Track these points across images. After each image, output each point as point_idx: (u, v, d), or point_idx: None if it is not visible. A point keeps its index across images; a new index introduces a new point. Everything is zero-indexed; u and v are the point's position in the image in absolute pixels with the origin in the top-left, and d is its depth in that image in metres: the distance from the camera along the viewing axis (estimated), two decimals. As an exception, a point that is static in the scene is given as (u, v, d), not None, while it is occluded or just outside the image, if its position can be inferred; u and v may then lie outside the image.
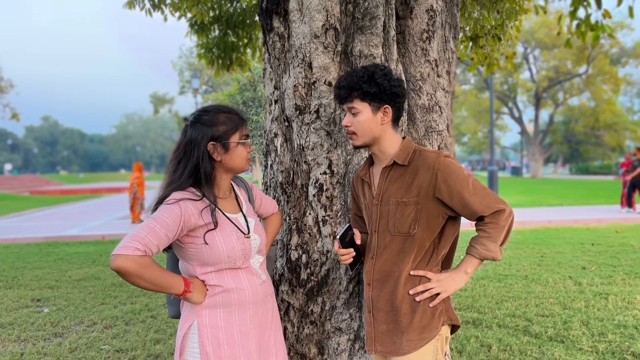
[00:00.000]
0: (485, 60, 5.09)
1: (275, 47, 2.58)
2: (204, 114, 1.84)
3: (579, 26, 4.21)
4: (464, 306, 5.07)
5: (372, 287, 1.96)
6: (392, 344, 1.90)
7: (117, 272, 1.57)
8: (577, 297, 5.29)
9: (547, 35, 36.00)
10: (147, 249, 1.60)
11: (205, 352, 1.77)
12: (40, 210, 19.07)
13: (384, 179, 1.96)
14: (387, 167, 1.96)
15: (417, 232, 1.88)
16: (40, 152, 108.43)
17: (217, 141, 1.81)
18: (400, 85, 1.93)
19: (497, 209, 1.82)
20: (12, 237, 10.91)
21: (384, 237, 1.94)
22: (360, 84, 1.88)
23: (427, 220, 1.88)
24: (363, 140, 1.95)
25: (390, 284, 1.91)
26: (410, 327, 1.87)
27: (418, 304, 1.88)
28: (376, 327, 1.94)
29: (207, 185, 1.81)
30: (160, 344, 4.21)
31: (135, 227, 1.64)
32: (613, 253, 7.72)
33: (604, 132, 39.01)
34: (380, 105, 1.91)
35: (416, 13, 2.51)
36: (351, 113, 1.94)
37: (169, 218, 1.67)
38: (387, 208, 1.93)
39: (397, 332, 1.89)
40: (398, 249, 1.91)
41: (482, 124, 41.98)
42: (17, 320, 4.88)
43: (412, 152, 1.94)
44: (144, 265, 1.59)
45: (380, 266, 1.94)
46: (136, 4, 4.71)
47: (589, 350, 3.83)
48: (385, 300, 1.93)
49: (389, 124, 1.95)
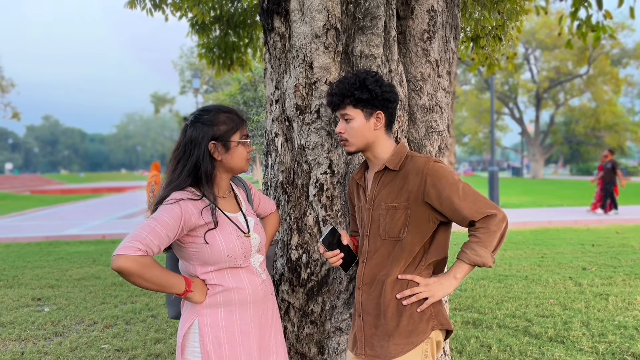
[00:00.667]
0: (486, 61, 5.09)
1: (276, 47, 2.58)
2: (205, 113, 1.85)
3: (579, 27, 4.20)
4: (464, 306, 5.07)
5: (362, 291, 1.97)
6: (380, 347, 1.89)
7: (119, 272, 1.57)
8: (578, 297, 5.29)
9: (548, 36, 35.97)
10: (148, 248, 1.60)
11: (206, 351, 1.77)
12: (41, 209, 19.08)
13: (376, 183, 1.97)
14: (380, 172, 1.96)
15: (406, 237, 1.87)
16: (41, 151, 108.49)
17: (218, 141, 1.82)
18: (391, 90, 1.93)
19: (488, 214, 1.80)
20: (13, 236, 10.92)
21: (375, 241, 1.94)
22: (352, 90, 1.88)
23: (417, 225, 1.87)
24: (356, 146, 1.95)
25: (378, 287, 1.91)
26: (396, 330, 1.86)
27: (405, 307, 1.87)
28: (365, 331, 1.94)
29: (207, 185, 1.81)
30: (160, 343, 4.21)
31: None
32: (613, 254, 7.72)
33: (604, 132, 38.96)
34: (373, 111, 1.91)
35: (417, 13, 2.51)
36: (344, 120, 1.94)
37: (169, 218, 1.68)
38: (378, 212, 1.93)
39: (384, 336, 1.88)
40: (387, 253, 1.91)
41: (482, 124, 41.97)
42: (17, 319, 4.89)
43: (405, 157, 1.94)
44: (145, 265, 1.60)
45: (369, 270, 1.94)
46: (137, 3, 4.71)
47: (589, 351, 3.83)
48: (373, 304, 1.93)
49: (382, 129, 1.95)
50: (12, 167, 73.35)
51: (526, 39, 37.47)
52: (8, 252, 9.05)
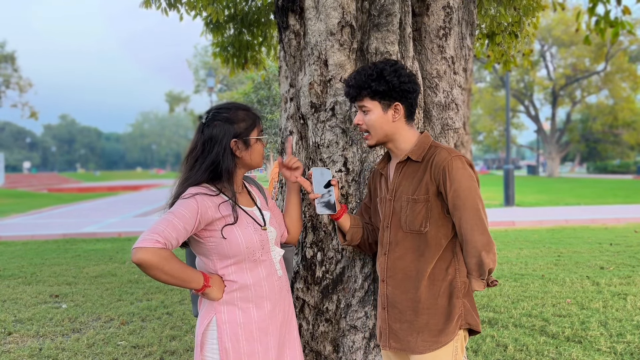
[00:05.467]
0: (501, 58, 5.04)
1: (291, 44, 2.58)
2: (223, 111, 1.85)
3: (597, 23, 4.14)
4: (480, 305, 5.04)
5: (387, 284, 1.94)
6: (407, 342, 1.88)
7: (139, 264, 1.58)
8: (595, 297, 5.22)
9: (564, 33, 35.53)
10: (167, 241, 1.61)
11: (224, 348, 1.78)
12: (58, 207, 19.32)
13: (398, 174, 1.93)
14: (402, 162, 1.92)
15: (429, 231, 1.84)
16: (58, 150, 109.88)
17: (239, 138, 1.83)
18: (410, 81, 1.88)
19: (483, 260, 1.78)
20: (31, 234, 11.09)
21: (396, 233, 1.91)
22: (369, 82, 1.85)
23: (440, 218, 1.84)
24: (377, 138, 1.92)
25: (410, 284, 1.88)
26: (426, 328, 1.85)
27: (437, 306, 1.85)
28: (390, 324, 1.92)
29: (228, 182, 1.82)
30: (176, 340, 4.25)
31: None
32: (632, 253, 7.61)
33: (622, 130, 38.40)
34: (391, 103, 1.87)
35: (432, 10, 2.50)
36: (362, 111, 1.92)
37: (186, 211, 1.69)
38: (400, 204, 1.90)
39: (412, 332, 1.86)
40: (413, 246, 1.87)
41: (497, 122, 41.57)
42: (35, 316, 4.95)
43: (428, 147, 1.90)
44: (165, 257, 1.61)
45: (393, 263, 1.91)
46: (152, 3, 4.74)
47: (607, 351, 3.78)
48: (402, 299, 1.90)
49: (402, 120, 1.91)
50: (30, 165, 74.45)
51: (542, 36, 37.03)
52: (26, 250, 9.19)
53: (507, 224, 11.35)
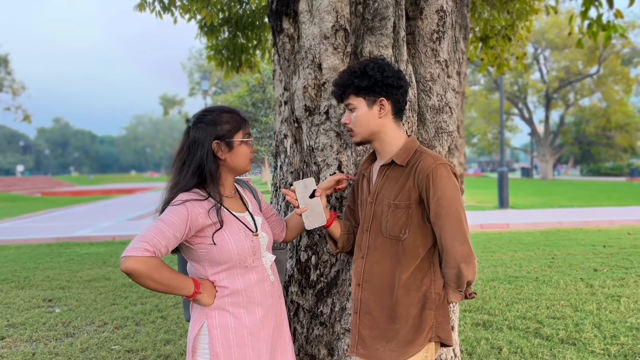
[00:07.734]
0: (495, 61, 5.07)
1: (285, 48, 2.59)
2: (207, 113, 1.86)
3: (590, 26, 4.17)
4: (474, 308, 5.05)
5: (362, 288, 1.90)
6: (374, 350, 1.84)
7: (128, 274, 1.57)
8: (589, 299, 5.24)
9: (557, 36, 35.71)
10: (156, 249, 1.60)
11: (215, 354, 1.77)
12: (52, 211, 19.22)
13: (381, 177, 1.90)
14: (386, 165, 1.90)
15: (407, 238, 1.81)
16: (51, 153, 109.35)
17: (221, 140, 1.83)
18: (395, 76, 1.85)
19: (462, 274, 1.75)
20: (24, 238, 11.02)
21: (376, 237, 1.88)
22: (352, 79, 1.85)
23: (419, 226, 1.81)
24: (362, 136, 1.90)
25: (386, 290, 1.85)
26: (396, 337, 1.81)
27: (410, 315, 1.81)
28: (360, 329, 1.89)
29: (213, 184, 1.82)
30: (170, 344, 4.23)
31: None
32: (625, 255, 7.65)
33: (615, 133, 38.60)
34: (376, 99, 1.85)
35: (426, 14, 2.51)
36: (349, 110, 1.90)
37: (175, 218, 1.68)
38: (381, 208, 1.87)
39: (380, 340, 1.83)
40: (391, 252, 1.84)
41: (492, 125, 41.74)
42: (29, 320, 4.92)
43: (414, 152, 1.86)
44: (154, 266, 1.60)
45: (371, 267, 1.88)
46: (146, 6, 4.73)
47: (601, 353, 3.80)
48: (376, 305, 1.86)
49: (389, 117, 1.88)
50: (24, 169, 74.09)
51: (536, 39, 37.23)
52: (19, 254, 9.13)
53: (501, 227, 11.38)
